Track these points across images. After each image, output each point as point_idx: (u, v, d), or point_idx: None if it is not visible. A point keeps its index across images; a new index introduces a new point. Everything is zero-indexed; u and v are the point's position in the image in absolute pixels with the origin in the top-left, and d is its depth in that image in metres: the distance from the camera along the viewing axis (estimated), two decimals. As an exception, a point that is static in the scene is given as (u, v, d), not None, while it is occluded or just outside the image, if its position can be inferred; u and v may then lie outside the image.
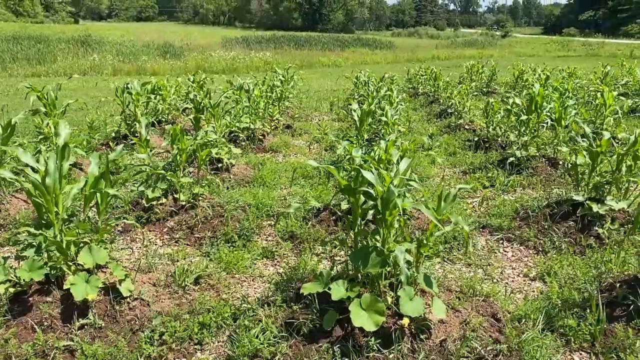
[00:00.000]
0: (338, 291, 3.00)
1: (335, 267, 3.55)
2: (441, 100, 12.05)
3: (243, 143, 8.13)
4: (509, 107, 6.93)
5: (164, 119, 9.72)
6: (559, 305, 3.49)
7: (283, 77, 12.57)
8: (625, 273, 3.85)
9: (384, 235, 3.09)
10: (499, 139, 7.80)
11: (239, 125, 8.20)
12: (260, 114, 9.11)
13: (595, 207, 4.62)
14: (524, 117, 6.38)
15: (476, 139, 8.25)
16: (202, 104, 6.47)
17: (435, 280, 3.10)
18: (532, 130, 6.54)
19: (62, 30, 46.27)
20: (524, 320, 3.38)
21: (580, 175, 4.97)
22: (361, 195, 3.24)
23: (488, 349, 2.98)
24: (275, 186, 6.18)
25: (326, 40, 43.02)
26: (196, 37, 47.87)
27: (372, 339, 2.93)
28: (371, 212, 3.26)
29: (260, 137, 8.42)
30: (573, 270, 4.01)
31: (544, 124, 6.68)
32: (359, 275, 3.28)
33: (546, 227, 4.78)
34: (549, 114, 6.57)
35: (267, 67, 26.85)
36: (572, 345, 3.16)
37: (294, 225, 4.86)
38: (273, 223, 5.03)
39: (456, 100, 10.16)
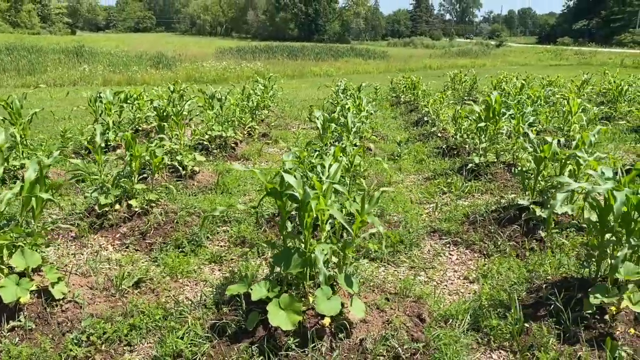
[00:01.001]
0: (259, 291, 3.08)
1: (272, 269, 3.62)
2: (419, 109, 12.18)
3: (215, 151, 8.22)
4: (468, 114, 7.03)
5: (140, 128, 9.82)
6: (486, 306, 3.56)
7: (264, 86, 12.72)
8: (559, 275, 3.93)
9: (306, 236, 3.17)
10: (467, 146, 7.90)
11: (211, 133, 8.31)
12: (236, 122, 9.23)
13: (538, 211, 4.70)
14: (481, 124, 6.48)
15: (444, 146, 8.35)
16: (165, 112, 6.56)
17: (357, 281, 3.17)
18: (491, 137, 6.64)
19: (57, 41, 46.59)
20: (451, 321, 3.46)
21: (526, 180, 5.06)
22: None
23: (405, 347, 3.05)
24: (237, 193, 6.27)
25: (319, 50, 43.34)
26: (191, 47, 48.19)
27: (291, 338, 3.00)
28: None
29: (233, 145, 8.51)
30: (509, 273, 4.08)
31: (502, 131, 6.78)
32: (289, 276, 3.36)
33: (492, 231, 4.86)
34: (508, 120, 6.67)
35: (257, 76, 26.95)
36: (492, 344, 3.23)
37: (245, 230, 4.94)
38: (227, 229, 5.10)
39: (430, 109, 10.27)
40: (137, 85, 22.12)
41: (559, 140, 8.17)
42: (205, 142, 7.87)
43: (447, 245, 4.88)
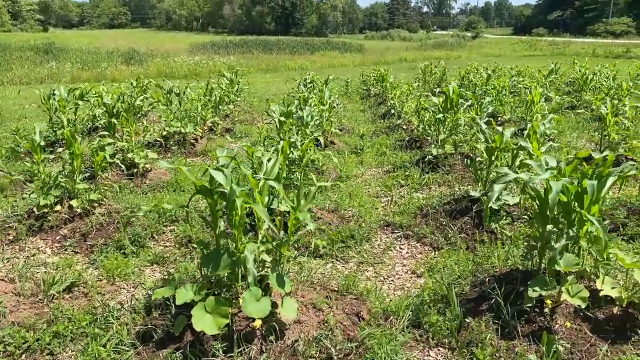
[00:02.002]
0: (184, 295, 2.93)
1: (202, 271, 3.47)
2: (387, 101, 12.09)
3: (173, 147, 8.01)
4: (428, 106, 6.95)
5: (100, 126, 9.55)
6: (427, 301, 3.46)
7: (230, 80, 12.51)
8: (506, 267, 3.85)
9: (236, 235, 3.03)
10: (429, 138, 7.82)
11: (169, 129, 8.10)
12: (198, 118, 9.02)
13: (489, 202, 4.62)
14: (439, 116, 6.39)
15: (407, 138, 8.27)
16: (115, 109, 6.34)
17: (289, 280, 3.04)
18: (449, 129, 6.56)
19: (27, 38, 45.55)
20: (391, 317, 3.35)
21: (478, 172, 4.98)
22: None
23: (338, 348, 2.93)
24: (190, 190, 6.08)
25: (295, 44, 43.05)
26: (165, 43, 47.52)
27: (219, 342, 2.86)
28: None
29: (192, 141, 8.31)
30: (455, 267, 4.00)
31: (460, 123, 6.71)
32: (224, 278, 3.23)
33: (444, 223, 4.78)
34: (467, 111, 6.60)
35: (230, 71, 26.63)
36: (431, 341, 3.14)
37: (192, 230, 4.78)
38: (173, 228, 4.94)
39: (396, 101, 10.18)
40: (107, 81, 21.68)
41: (518, 130, 8.17)
42: (159, 139, 7.65)
43: (399, 239, 4.79)
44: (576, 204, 3.11)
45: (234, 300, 3.09)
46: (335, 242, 4.55)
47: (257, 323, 2.93)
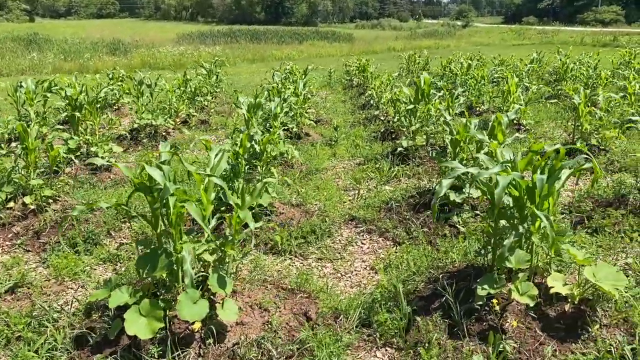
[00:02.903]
0: (118, 297, 2.82)
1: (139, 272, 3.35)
2: (367, 92, 11.96)
3: (144, 140, 7.86)
4: (399, 97, 6.84)
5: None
6: (379, 299, 3.37)
7: (209, 71, 12.31)
8: (465, 263, 3.77)
9: (174, 235, 2.91)
10: (404, 129, 7.71)
11: (139, 122, 7.94)
12: (172, 110, 8.87)
13: (452, 196, 4.54)
14: (410, 107, 6.28)
15: (383, 129, 8.16)
16: (78, 101, 6.17)
17: (230, 281, 2.93)
18: (421, 120, 6.45)
19: (12, 28, 44.91)
20: (341, 317, 3.26)
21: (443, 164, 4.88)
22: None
23: (279, 350, 2.84)
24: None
25: (283, 34, 42.69)
26: (153, 33, 46.93)
27: (155, 346, 2.76)
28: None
29: (164, 134, 8.15)
30: (413, 262, 3.91)
31: (432, 114, 6.59)
32: (164, 279, 3.11)
33: (407, 217, 4.68)
34: (439, 102, 6.49)
35: (211, 62, 26.35)
36: (378, 341, 3.05)
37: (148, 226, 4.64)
38: (131, 225, 4.81)
39: (374, 92, 10.05)
40: (89, 72, 21.33)
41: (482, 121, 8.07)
42: (127, 133, 7.49)
43: (361, 234, 4.69)
44: (527, 199, 3.02)
45: (173, 303, 2.98)
46: (295, 237, 4.44)
47: (196, 326, 2.82)
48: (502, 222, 3.20)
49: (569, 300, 3.05)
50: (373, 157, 6.75)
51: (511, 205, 3.10)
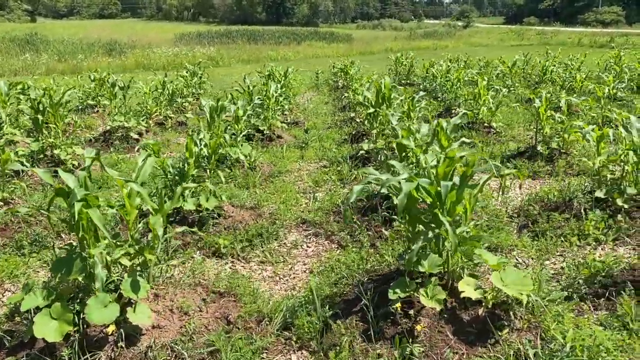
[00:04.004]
0: (31, 301, 2.87)
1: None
2: (344, 94, 12.02)
3: (116, 142, 7.93)
4: (361, 100, 6.88)
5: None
6: (303, 302, 3.42)
7: (192, 73, 12.38)
8: (395, 266, 3.82)
9: (87, 239, 2.96)
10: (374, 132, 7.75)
11: (111, 124, 8.02)
12: (151, 111, 8.95)
13: (395, 200, 4.57)
14: (371, 110, 6.32)
15: (354, 132, 8.20)
16: (41, 105, 6.25)
17: (144, 285, 2.98)
18: (381, 123, 6.49)
19: (12, 28, 45.17)
20: (265, 320, 3.31)
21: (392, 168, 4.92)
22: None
23: (190, 354, 2.89)
24: (117, 187, 6.01)
25: (281, 34, 42.74)
26: (152, 33, 47.08)
27: (67, 349, 2.81)
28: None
29: (137, 136, 8.22)
30: (344, 265, 3.96)
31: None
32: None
33: (354, 220, 4.73)
34: (400, 106, 6.54)
35: (210, 62, 26.53)
36: (294, 344, 3.10)
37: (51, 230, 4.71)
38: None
39: (350, 94, 10.10)
40: (82, 74, 21.46)
41: (468, 123, 8.11)
42: (96, 135, 7.56)
43: (309, 237, 4.74)
44: (438, 203, 3.06)
45: (92, 305, 3.03)
46: (241, 240, 4.49)
47: (110, 329, 2.88)
48: (421, 227, 3.24)
49: (483, 304, 3.09)
50: (337, 160, 6.79)
51: (426, 210, 3.15)
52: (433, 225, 3.11)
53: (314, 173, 6.59)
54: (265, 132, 8.09)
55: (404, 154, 4.78)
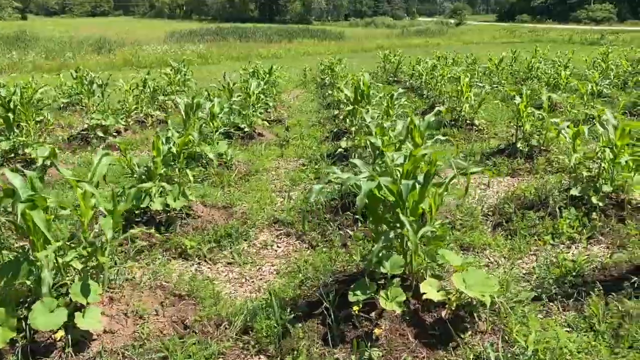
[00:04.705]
0: (-26, 306, 2.76)
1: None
2: (328, 91, 11.93)
3: (94, 141, 7.80)
4: (338, 97, 6.78)
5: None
6: (264, 305, 3.32)
7: (176, 70, 12.23)
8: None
9: (34, 243, 2.85)
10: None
11: (89, 122, 7.89)
12: (131, 109, 8.82)
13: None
14: (349, 108, 6.23)
15: (335, 130, 8.11)
16: (11, 102, 6.11)
17: (95, 288, 2.88)
18: (360, 120, 6.39)
19: (2, 26, 44.82)
20: (224, 323, 3.21)
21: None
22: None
23: (140, 359, 2.79)
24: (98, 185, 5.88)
25: (272, 32, 42.55)
26: (144, 31, 46.82)
27: (14, 356, 2.71)
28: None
29: (115, 134, 8.09)
30: (316, 266, 3.86)
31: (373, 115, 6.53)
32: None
33: (326, 219, 4.63)
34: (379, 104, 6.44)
35: (199, 59, 26.38)
36: (252, 349, 3.00)
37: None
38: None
39: (334, 91, 10.00)
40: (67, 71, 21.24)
41: (452, 120, 8.03)
42: (61, 135, 7.43)
43: (280, 237, 4.64)
44: (402, 203, 2.97)
45: (41, 310, 2.92)
46: (209, 241, 4.39)
47: (59, 334, 2.77)
48: (384, 226, 3.15)
49: (447, 306, 3.00)
50: (316, 158, 6.69)
51: (388, 210, 3.06)
52: (397, 224, 3.03)
53: (292, 171, 6.49)
54: (245, 129, 7.98)
55: (377, 151, 4.69)
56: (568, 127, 4.76)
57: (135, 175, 4.46)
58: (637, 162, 4.17)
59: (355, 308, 2.87)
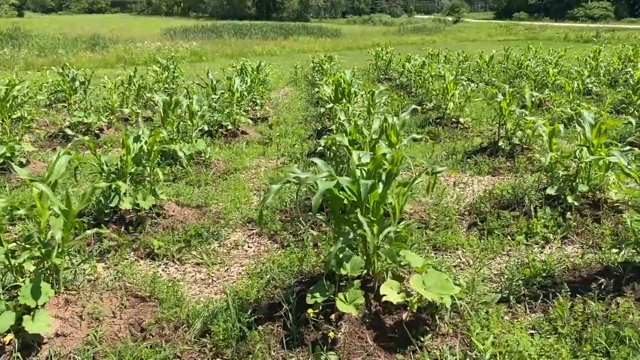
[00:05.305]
0: None
1: None
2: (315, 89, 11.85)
3: (76, 139, 7.70)
4: (320, 95, 6.72)
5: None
6: (224, 308, 3.25)
7: (164, 68, 12.15)
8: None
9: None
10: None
11: (71, 120, 7.81)
12: (115, 106, 8.75)
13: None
14: (329, 106, 6.16)
15: (320, 127, 8.04)
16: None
17: (46, 291, 2.81)
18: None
19: (-3, 23, 44.65)
20: (184, 326, 3.14)
21: (340, 165, 4.77)
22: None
23: (92, 363, 2.73)
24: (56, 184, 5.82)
25: (268, 29, 42.42)
26: (140, 28, 46.67)
27: (-42, 359, 2.64)
28: None
29: (97, 131, 8.01)
30: (274, 268, 3.80)
31: (356, 112, 6.47)
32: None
33: (299, 219, 4.57)
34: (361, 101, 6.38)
35: (193, 57, 26.29)
36: (209, 352, 2.93)
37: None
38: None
39: (320, 89, 9.91)
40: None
41: (437, 118, 7.96)
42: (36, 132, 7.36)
43: (252, 237, 4.58)
44: (366, 203, 2.91)
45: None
46: (178, 241, 4.32)
47: (8, 338, 2.71)
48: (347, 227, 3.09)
49: (409, 308, 2.94)
50: (297, 157, 6.62)
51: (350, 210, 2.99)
52: (353, 225, 2.96)
53: (273, 170, 6.42)
54: (229, 127, 7.90)
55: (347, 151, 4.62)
56: (544, 125, 4.69)
57: (102, 174, 4.39)
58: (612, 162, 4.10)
59: (310, 311, 2.80)
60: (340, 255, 2.96)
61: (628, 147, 4.13)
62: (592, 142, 4.33)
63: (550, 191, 4.50)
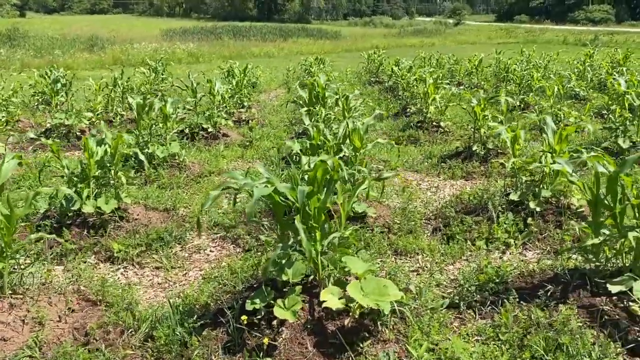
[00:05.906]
0: None
1: None
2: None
3: (57, 140, 7.72)
4: (295, 99, 6.72)
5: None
6: (171, 312, 3.25)
7: (154, 70, 12.19)
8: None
9: None
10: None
11: (52, 122, 7.84)
12: (100, 109, 8.78)
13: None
14: (304, 109, 6.16)
15: (301, 130, 8.05)
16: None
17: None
18: (318, 121, 6.32)
19: (-2, 24, 44.85)
20: (130, 331, 3.14)
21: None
22: None
23: (29, 368, 2.73)
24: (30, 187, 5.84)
25: (267, 30, 42.49)
26: (138, 29, 46.82)
27: None
28: None
29: (78, 133, 8.03)
30: (227, 273, 3.80)
31: (331, 116, 6.47)
32: None
33: (265, 224, 4.56)
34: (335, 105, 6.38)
35: (190, 58, 26.35)
36: (149, 358, 2.93)
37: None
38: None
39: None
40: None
41: (418, 122, 7.95)
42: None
43: (215, 241, 4.58)
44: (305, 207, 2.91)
45: None
46: (139, 244, 4.32)
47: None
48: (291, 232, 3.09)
49: (350, 314, 2.94)
50: (271, 160, 6.63)
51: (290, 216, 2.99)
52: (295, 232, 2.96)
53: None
54: (209, 130, 7.91)
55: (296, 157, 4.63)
56: (506, 130, 4.69)
57: (64, 178, 4.40)
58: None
59: (244, 317, 2.81)
60: (283, 262, 2.96)
61: (592, 154, 4.11)
62: (554, 148, 4.32)
63: (514, 197, 4.50)
